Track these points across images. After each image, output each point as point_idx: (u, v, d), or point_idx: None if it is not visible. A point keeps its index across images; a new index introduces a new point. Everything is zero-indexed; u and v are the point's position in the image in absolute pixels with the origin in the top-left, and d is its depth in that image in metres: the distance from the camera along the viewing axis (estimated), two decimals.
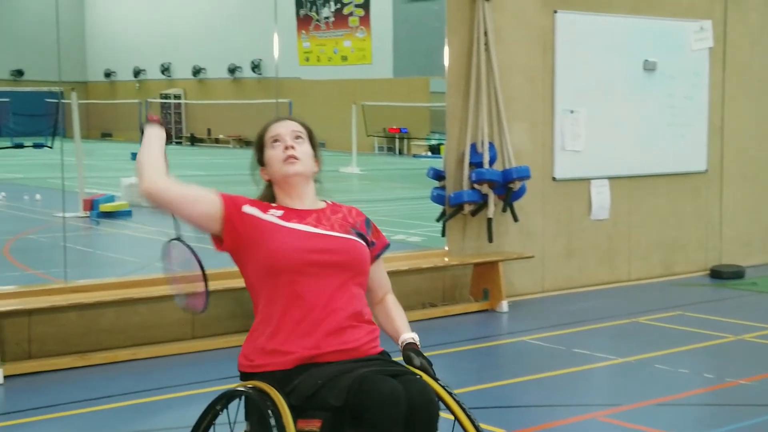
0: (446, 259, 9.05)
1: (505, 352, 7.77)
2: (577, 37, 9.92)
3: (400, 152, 34.00)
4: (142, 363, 7.17)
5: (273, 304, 3.41)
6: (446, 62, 9.13)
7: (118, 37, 44.36)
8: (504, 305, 8.97)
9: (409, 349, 3.54)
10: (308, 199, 3.59)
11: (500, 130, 9.21)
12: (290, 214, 3.51)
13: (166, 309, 7.56)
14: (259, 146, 3.63)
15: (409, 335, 3.59)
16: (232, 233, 3.44)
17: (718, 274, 10.75)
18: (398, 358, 3.50)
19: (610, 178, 10.23)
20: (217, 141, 39.90)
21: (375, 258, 3.64)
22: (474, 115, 9.13)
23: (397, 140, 34.20)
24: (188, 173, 24.99)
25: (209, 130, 40.60)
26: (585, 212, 10.09)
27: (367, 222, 3.66)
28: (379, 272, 3.70)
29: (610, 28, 10.17)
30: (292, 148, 3.54)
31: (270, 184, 3.61)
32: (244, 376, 3.48)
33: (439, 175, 9.32)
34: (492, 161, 9.08)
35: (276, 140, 3.57)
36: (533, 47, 9.66)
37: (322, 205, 3.62)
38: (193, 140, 40.75)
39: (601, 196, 10.17)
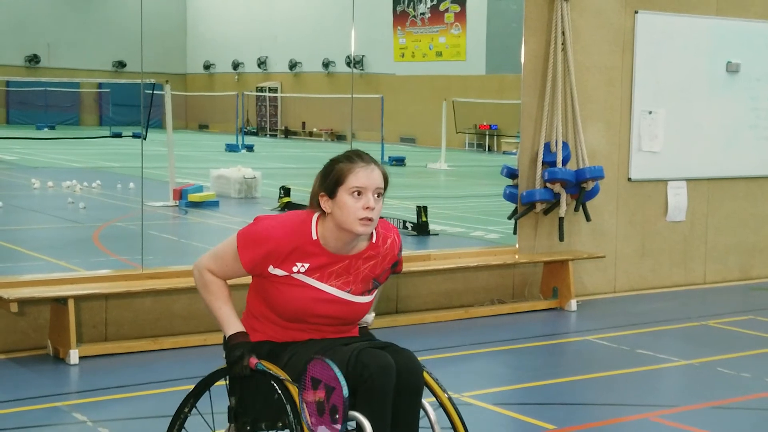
0: (516, 257, 9.11)
1: (568, 351, 7.81)
2: (658, 37, 9.87)
3: (490, 149, 33.93)
4: (212, 348, 7.35)
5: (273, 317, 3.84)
6: (522, 61, 9.18)
7: (218, 30, 45.21)
8: (573, 304, 9.00)
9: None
10: (356, 246, 3.64)
11: (575, 130, 9.24)
12: (316, 266, 3.61)
13: (237, 297, 7.75)
14: (336, 180, 3.53)
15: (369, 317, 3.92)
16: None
17: None
18: None
19: (687, 179, 10.17)
20: (310, 134, 40.38)
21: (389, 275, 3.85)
22: (549, 114, 9.16)
23: (487, 137, 34.14)
24: (281, 165, 25.42)
25: (303, 123, 41.11)
26: (660, 213, 10.04)
27: (401, 251, 3.79)
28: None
29: (693, 28, 10.09)
30: (372, 209, 3.49)
31: (322, 211, 3.59)
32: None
33: (512, 174, 9.38)
34: (566, 161, 9.12)
35: (359, 192, 3.50)
36: (612, 47, 9.65)
37: (365, 244, 3.66)
38: (287, 133, 41.35)
39: (678, 197, 10.10)
